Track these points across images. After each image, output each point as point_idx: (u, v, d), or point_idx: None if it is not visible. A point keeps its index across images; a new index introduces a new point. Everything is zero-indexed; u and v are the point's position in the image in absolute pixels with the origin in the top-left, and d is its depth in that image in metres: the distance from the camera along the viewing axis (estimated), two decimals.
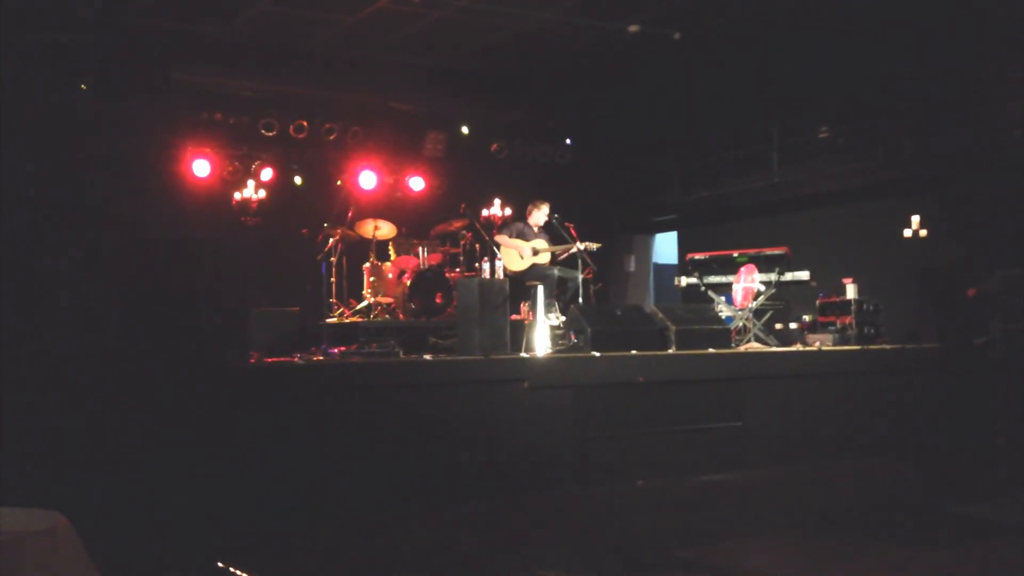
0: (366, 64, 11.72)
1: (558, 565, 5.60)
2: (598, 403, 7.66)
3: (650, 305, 12.91)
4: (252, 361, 7.08)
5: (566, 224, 9.92)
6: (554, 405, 7.44)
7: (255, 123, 11.73)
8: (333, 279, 10.68)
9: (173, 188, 11.31)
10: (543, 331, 8.63)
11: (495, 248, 9.95)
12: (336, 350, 8.93)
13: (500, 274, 9.95)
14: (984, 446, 8.92)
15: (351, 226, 10.92)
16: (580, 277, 9.71)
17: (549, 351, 8.41)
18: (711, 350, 8.60)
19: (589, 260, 9.64)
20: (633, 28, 10.42)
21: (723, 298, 10.32)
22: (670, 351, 8.45)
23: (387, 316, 10.40)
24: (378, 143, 12.51)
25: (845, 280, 10.34)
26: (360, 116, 12.36)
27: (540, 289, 9.38)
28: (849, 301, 10.12)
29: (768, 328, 10.19)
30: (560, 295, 9.96)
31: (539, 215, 10.11)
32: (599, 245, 9.75)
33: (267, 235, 11.46)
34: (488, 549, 5.91)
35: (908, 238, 10.72)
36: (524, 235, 10.01)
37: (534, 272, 9.87)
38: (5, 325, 5.67)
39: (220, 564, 5.28)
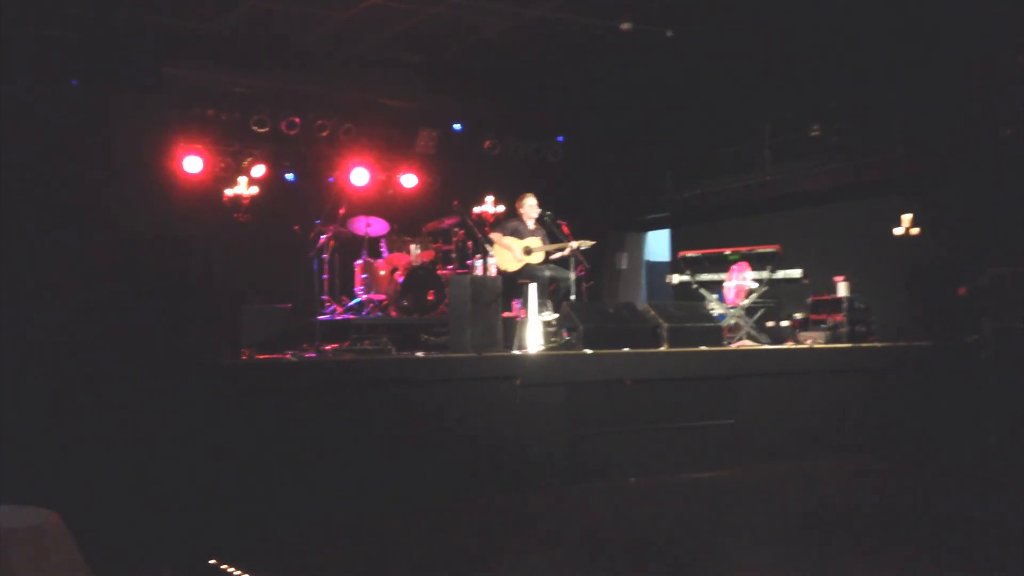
0: (358, 60, 11.69)
1: (549, 563, 5.60)
2: (590, 400, 7.66)
3: (642, 303, 12.92)
4: (244, 358, 7.07)
5: (559, 222, 9.91)
6: (546, 402, 7.44)
7: (247, 119, 11.70)
8: (325, 276, 10.67)
9: (164, 184, 11.21)
10: (535, 328, 8.63)
11: (488, 246, 9.94)
12: (328, 347, 8.93)
13: (492, 271, 9.94)
14: (975, 444, 8.97)
15: (343, 223, 10.91)
16: (572, 275, 9.70)
17: (541, 348, 8.41)
18: (703, 348, 8.61)
19: (581, 258, 9.64)
20: (625, 26, 10.42)
21: (715, 296, 10.33)
22: (662, 349, 8.46)
23: (379, 313, 10.39)
24: (370, 140, 12.49)
25: (837, 278, 10.36)
26: (352, 112, 12.34)
27: (532, 286, 9.36)
28: (841, 299, 10.14)
29: (760, 326, 10.20)
30: (552, 292, 9.95)
31: (529, 208, 10.09)
32: (593, 243, 9.75)
33: (259, 232, 11.43)
34: (479, 547, 5.90)
35: (899, 236, 10.75)
36: (519, 232, 9.99)
37: (526, 270, 9.86)
38: None
39: (212, 561, 5.27)
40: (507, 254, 9.88)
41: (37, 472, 5.39)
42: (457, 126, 13.07)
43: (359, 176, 12.39)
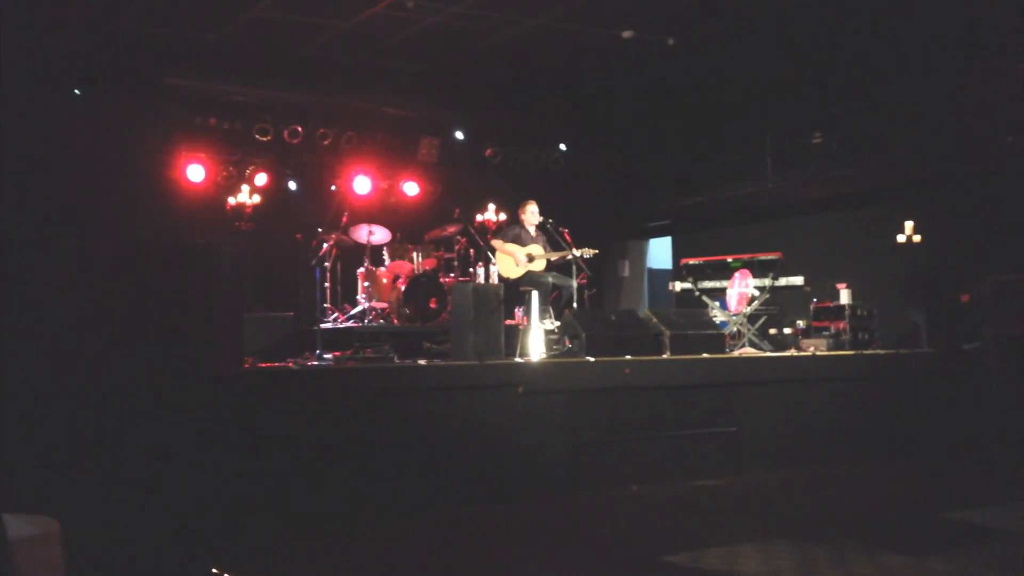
0: (360, 69, 11.73)
1: (551, 572, 5.59)
2: (592, 408, 7.65)
3: (644, 310, 12.93)
4: (246, 366, 7.07)
5: (560, 229, 9.92)
6: (548, 410, 7.43)
7: (249, 128, 11.74)
8: (327, 284, 10.69)
9: (167, 193, 11.31)
10: (537, 336, 8.64)
11: (490, 253, 9.95)
12: (330, 355, 8.92)
13: (495, 279, 9.95)
14: (977, 451, 8.95)
15: (345, 231, 10.93)
16: (574, 282, 9.71)
17: (543, 356, 8.41)
18: (705, 355, 8.61)
19: (583, 265, 9.64)
20: (627, 34, 10.45)
21: (717, 303, 10.34)
22: (664, 356, 8.46)
23: (381, 321, 10.40)
24: (372, 148, 12.52)
25: (839, 285, 10.37)
26: (354, 121, 12.37)
27: (534, 294, 9.38)
28: (843, 306, 10.14)
29: (762, 333, 10.20)
30: (555, 300, 9.95)
31: (531, 216, 10.10)
32: (595, 252, 9.74)
33: (261, 240, 11.46)
34: (481, 555, 5.90)
35: (901, 243, 10.75)
36: (521, 239, 10.00)
37: (528, 278, 9.87)
38: None
39: (214, 570, 5.27)
40: (509, 261, 9.89)
41: (39, 480, 5.39)
42: (459, 134, 13.09)
43: (361, 184, 12.41)
